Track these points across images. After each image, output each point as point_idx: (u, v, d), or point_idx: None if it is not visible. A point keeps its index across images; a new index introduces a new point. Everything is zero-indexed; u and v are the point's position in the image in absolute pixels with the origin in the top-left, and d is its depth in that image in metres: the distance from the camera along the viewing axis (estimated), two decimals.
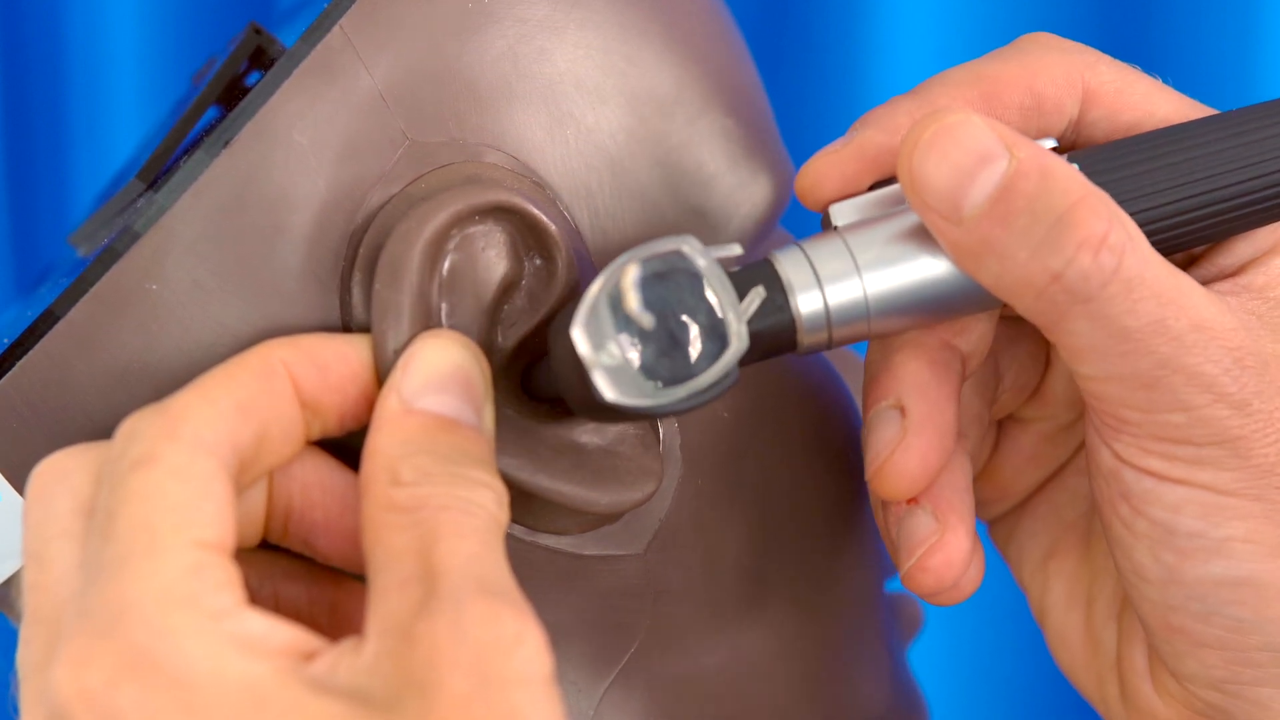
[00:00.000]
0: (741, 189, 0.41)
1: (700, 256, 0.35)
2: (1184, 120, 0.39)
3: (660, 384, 0.35)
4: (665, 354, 0.35)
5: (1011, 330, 0.43)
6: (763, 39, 0.72)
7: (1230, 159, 0.38)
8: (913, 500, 0.40)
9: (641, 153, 0.40)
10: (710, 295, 0.35)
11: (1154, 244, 0.37)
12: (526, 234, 0.38)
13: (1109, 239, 0.35)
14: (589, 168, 0.39)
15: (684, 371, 0.35)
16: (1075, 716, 0.45)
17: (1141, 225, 0.37)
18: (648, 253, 0.35)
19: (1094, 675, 0.44)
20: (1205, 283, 0.39)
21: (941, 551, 0.40)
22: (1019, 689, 0.77)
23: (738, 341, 0.35)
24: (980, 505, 0.46)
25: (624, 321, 0.35)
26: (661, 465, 0.39)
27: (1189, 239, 0.38)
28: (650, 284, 0.35)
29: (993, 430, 0.45)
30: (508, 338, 0.38)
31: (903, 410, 0.39)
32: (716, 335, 0.35)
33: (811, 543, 0.44)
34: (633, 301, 0.35)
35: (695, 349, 0.35)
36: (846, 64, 0.73)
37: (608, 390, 0.34)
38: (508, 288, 0.38)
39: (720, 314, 0.35)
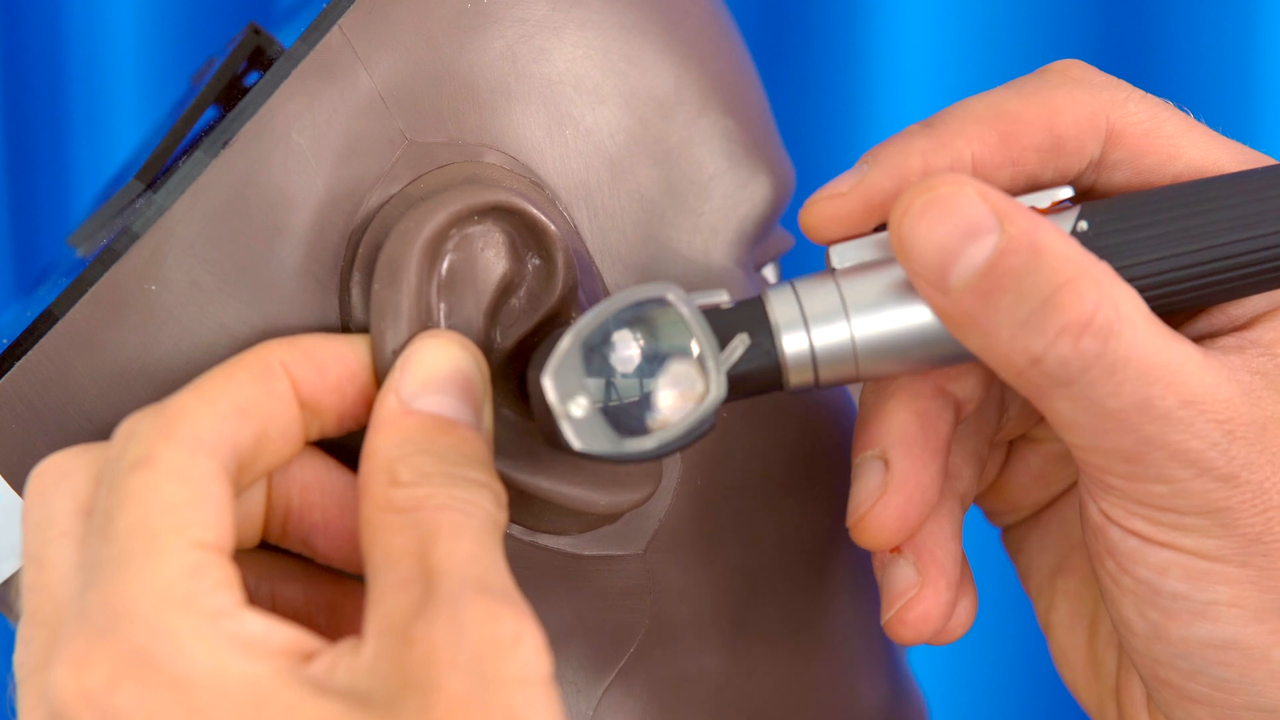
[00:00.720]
0: (741, 189, 0.41)
1: (683, 305, 0.36)
2: (1210, 163, 0.38)
3: (631, 433, 0.35)
4: (637, 404, 0.35)
5: None
6: (763, 39, 0.72)
7: (1247, 220, 0.37)
8: (895, 549, 0.40)
9: (641, 153, 0.40)
10: (691, 343, 0.35)
11: (1164, 302, 0.36)
12: (525, 234, 0.38)
13: (1095, 322, 0.34)
14: (588, 168, 0.39)
15: (655, 421, 0.35)
16: (1075, 717, 0.45)
17: (1152, 284, 0.36)
18: (629, 301, 0.35)
19: (1094, 694, 0.43)
20: (1213, 334, 0.38)
21: (920, 605, 0.40)
22: (1019, 689, 0.77)
23: (716, 390, 0.35)
24: (990, 515, 0.46)
25: (597, 370, 0.35)
26: (661, 466, 0.39)
27: (1201, 299, 0.37)
28: (631, 330, 0.35)
29: (1002, 449, 0.45)
30: (506, 338, 0.38)
31: (887, 463, 0.39)
32: (696, 382, 0.35)
33: (811, 543, 0.44)
34: (608, 353, 0.35)
35: (670, 398, 0.35)
36: (846, 64, 0.73)
37: (574, 440, 0.35)
38: (506, 288, 0.38)
39: (700, 363, 0.35)
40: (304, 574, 0.37)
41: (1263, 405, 0.36)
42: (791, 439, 0.43)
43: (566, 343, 0.35)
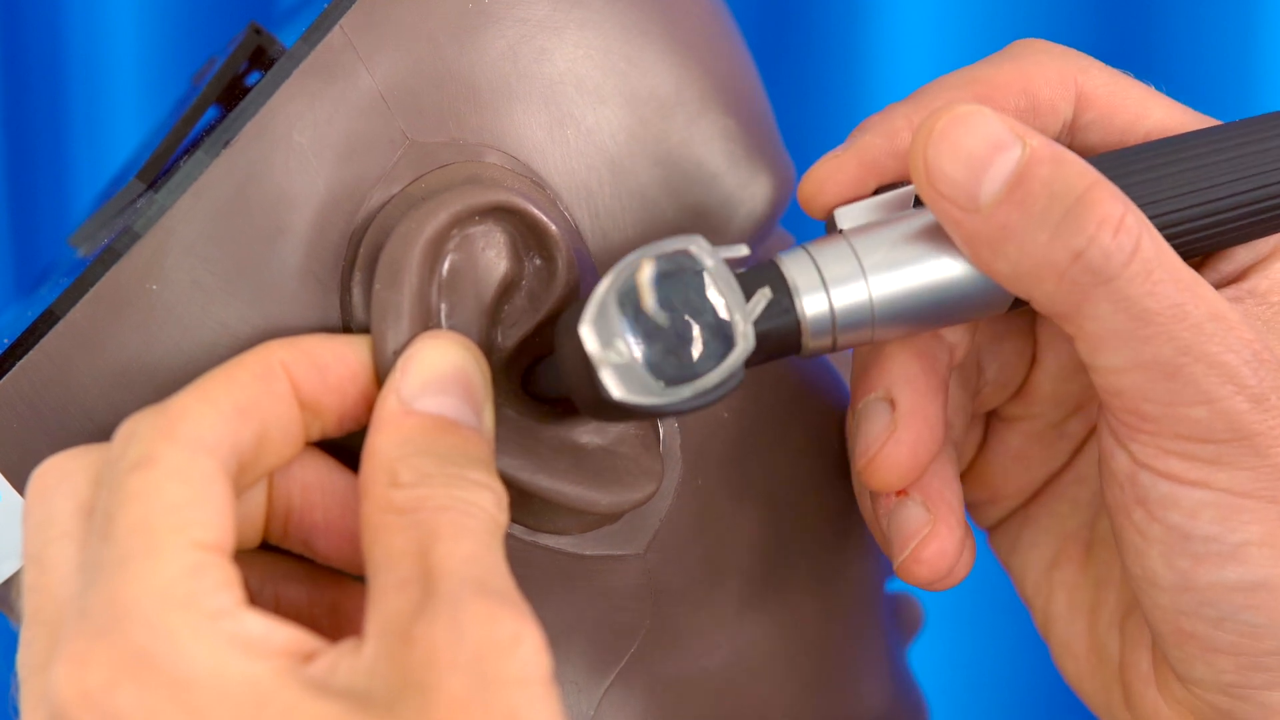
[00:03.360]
0: (742, 189, 0.41)
1: (708, 256, 0.35)
2: (1175, 124, 0.40)
3: (666, 383, 0.35)
4: (672, 353, 0.35)
5: (995, 327, 0.43)
6: (763, 39, 0.72)
7: (1231, 170, 0.38)
8: (902, 492, 0.41)
9: (642, 153, 0.40)
10: (717, 295, 0.35)
11: None
12: (526, 234, 0.38)
13: (1126, 220, 0.35)
14: (589, 168, 0.39)
15: (690, 371, 0.35)
16: (1075, 717, 0.45)
17: None
18: (657, 251, 0.35)
19: (1099, 683, 0.43)
20: None
21: (935, 542, 0.40)
22: (1019, 689, 0.77)
23: (744, 342, 0.35)
24: (973, 508, 0.46)
25: (632, 320, 0.35)
26: (662, 465, 0.39)
27: (1190, 249, 0.38)
28: (658, 283, 0.35)
29: (979, 425, 0.45)
30: (508, 338, 0.38)
31: (892, 403, 0.40)
32: (722, 335, 0.35)
33: (812, 542, 0.44)
34: (645, 299, 0.35)
35: (701, 349, 0.35)
36: (846, 64, 0.73)
37: (615, 388, 0.34)
38: (508, 288, 0.38)
39: (727, 314, 0.35)
40: (307, 575, 0.37)
41: (1271, 345, 0.37)
42: (794, 437, 0.43)
43: (602, 291, 0.35)
